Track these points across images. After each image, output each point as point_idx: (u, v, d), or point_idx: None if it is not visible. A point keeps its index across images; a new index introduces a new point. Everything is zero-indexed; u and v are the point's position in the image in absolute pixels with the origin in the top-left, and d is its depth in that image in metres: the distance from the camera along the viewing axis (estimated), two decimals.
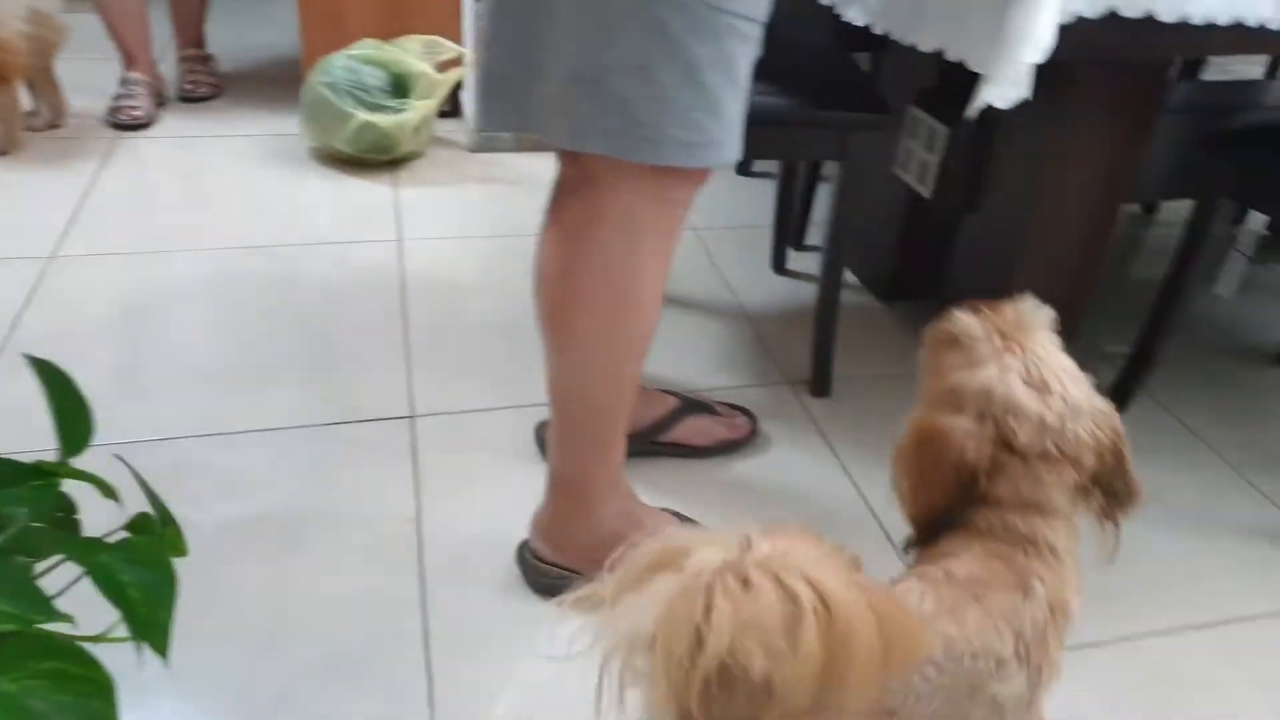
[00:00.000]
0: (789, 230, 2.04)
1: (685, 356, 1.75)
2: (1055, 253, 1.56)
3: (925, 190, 1.66)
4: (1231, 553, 1.42)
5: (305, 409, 1.54)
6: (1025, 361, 0.83)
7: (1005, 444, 0.83)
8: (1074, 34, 1.12)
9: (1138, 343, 1.64)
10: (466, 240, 2.09)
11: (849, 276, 2.03)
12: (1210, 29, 1.18)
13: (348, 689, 1.12)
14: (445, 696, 1.11)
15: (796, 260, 2.08)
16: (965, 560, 0.82)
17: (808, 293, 1.64)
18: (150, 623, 0.71)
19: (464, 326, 1.79)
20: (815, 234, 2.14)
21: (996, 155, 1.57)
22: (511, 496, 1.37)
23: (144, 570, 0.73)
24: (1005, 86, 1.10)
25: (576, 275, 1.06)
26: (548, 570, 1.24)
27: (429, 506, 1.37)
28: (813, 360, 1.67)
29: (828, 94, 1.46)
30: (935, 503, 0.86)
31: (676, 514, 1.30)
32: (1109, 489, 0.85)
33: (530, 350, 1.15)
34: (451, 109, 2.65)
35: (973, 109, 1.14)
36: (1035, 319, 0.87)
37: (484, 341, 1.75)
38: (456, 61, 2.34)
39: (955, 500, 0.85)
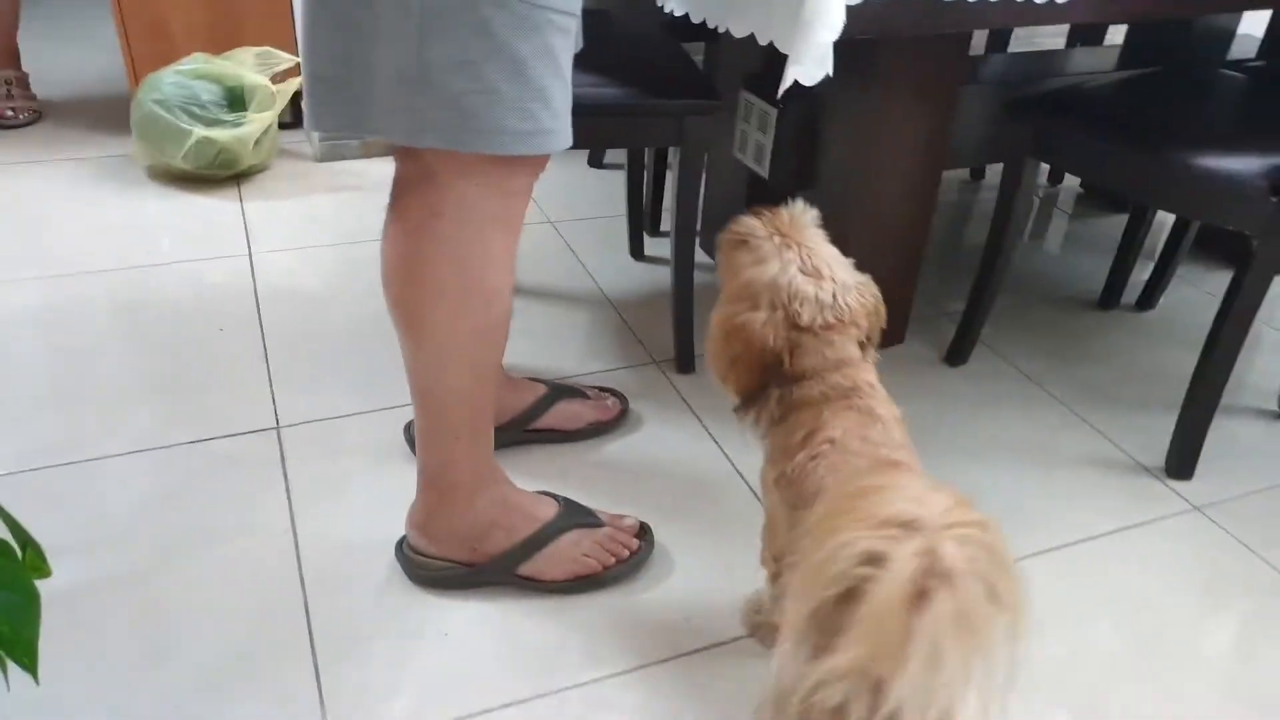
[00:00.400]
0: (643, 217, 2.10)
1: (553, 345, 1.79)
2: (885, 220, 1.66)
3: (762, 170, 1.74)
4: (1070, 481, 1.55)
5: (166, 429, 1.51)
6: (801, 255, 1.01)
7: (795, 325, 0.99)
8: (864, 13, 1.21)
9: (970, 298, 1.76)
10: (318, 250, 2.07)
11: (705, 258, 2.11)
12: (986, 5, 1.30)
13: (235, 699, 1.11)
14: (336, 696, 1.12)
15: (654, 246, 2.14)
16: (830, 425, 0.98)
17: (666, 276, 1.70)
18: (15, 641, 0.70)
19: (323, 335, 1.77)
20: (669, 220, 2.20)
21: (824, 132, 1.67)
22: (385, 497, 1.38)
23: (4, 593, 0.72)
24: (809, 65, 1.18)
25: (424, 269, 1.08)
26: (427, 563, 1.26)
27: (303, 513, 1.37)
28: (675, 339, 1.73)
29: (661, 83, 1.53)
30: (752, 382, 1.03)
31: (554, 496, 1.34)
32: (872, 337, 1.06)
33: (391, 352, 1.17)
34: (293, 120, 2.61)
35: (782, 88, 1.21)
36: (806, 218, 1.04)
37: (344, 348, 1.74)
38: (294, 71, 2.30)
39: (769, 376, 1.02)
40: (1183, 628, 1.29)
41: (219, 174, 2.26)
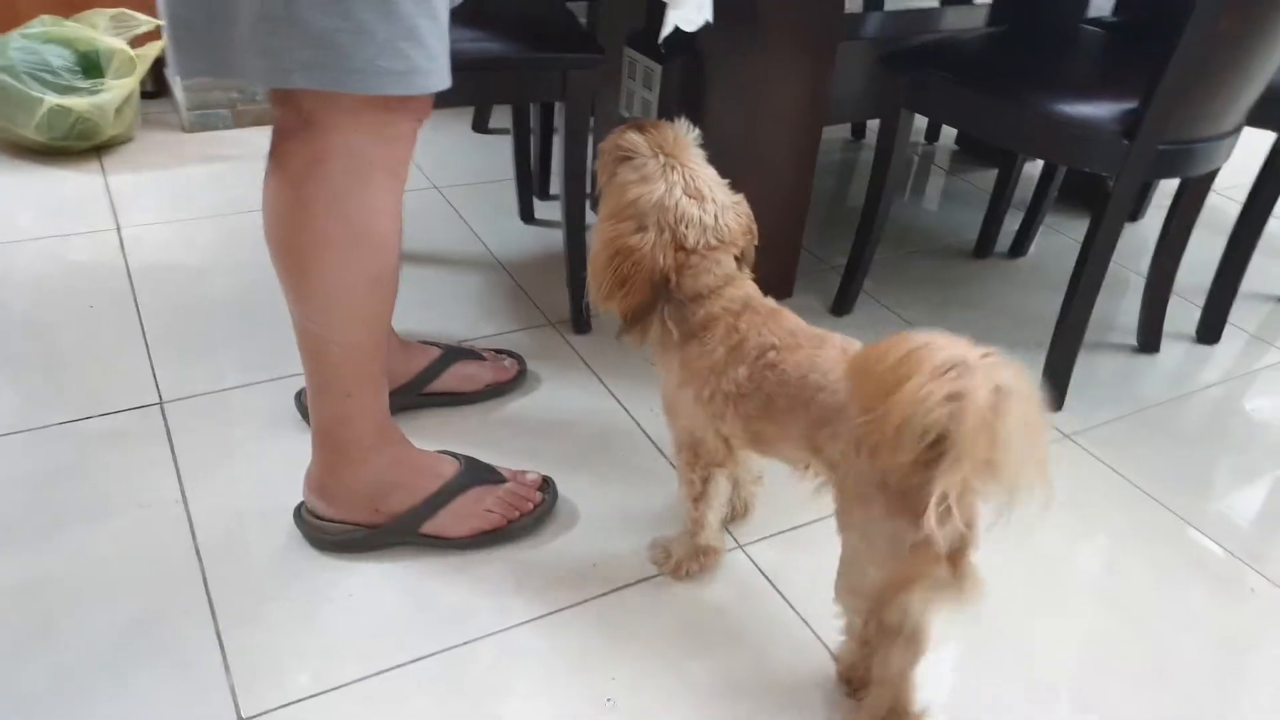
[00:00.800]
0: (531, 181, 2.09)
1: (444, 310, 1.77)
2: (769, 174, 1.70)
3: None
4: None
5: (40, 410, 1.43)
6: (684, 176, 1.05)
7: (681, 247, 1.05)
8: None
9: (853, 250, 1.82)
10: (192, 222, 1.98)
11: (595, 218, 2.11)
12: None
13: (136, 669, 1.07)
14: (241, 659, 1.10)
15: (544, 210, 2.13)
16: (756, 334, 1.06)
17: (558, 239, 1.70)
18: None
19: (202, 308, 1.71)
20: (558, 183, 2.20)
21: (708, 88, 1.69)
22: (278, 464, 1.36)
23: None
24: (689, 10, 1.20)
25: (308, 218, 1.05)
26: (326, 526, 1.24)
27: (193, 485, 1.33)
28: (570, 300, 1.74)
29: (543, 37, 1.52)
30: (640, 301, 1.06)
31: (454, 455, 1.33)
32: (746, 254, 1.14)
33: (274, 323, 1.13)
34: (158, 89, 2.49)
35: (663, 34, 1.22)
36: (688, 137, 1.08)
37: (225, 320, 1.68)
38: (154, 35, 2.19)
39: (656, 296, 1.07)
40: (1055, 544, 1.38)
41: (77, 145, 2.14)
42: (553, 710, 1.08)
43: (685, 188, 1.05)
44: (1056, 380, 1.64)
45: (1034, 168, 2.23)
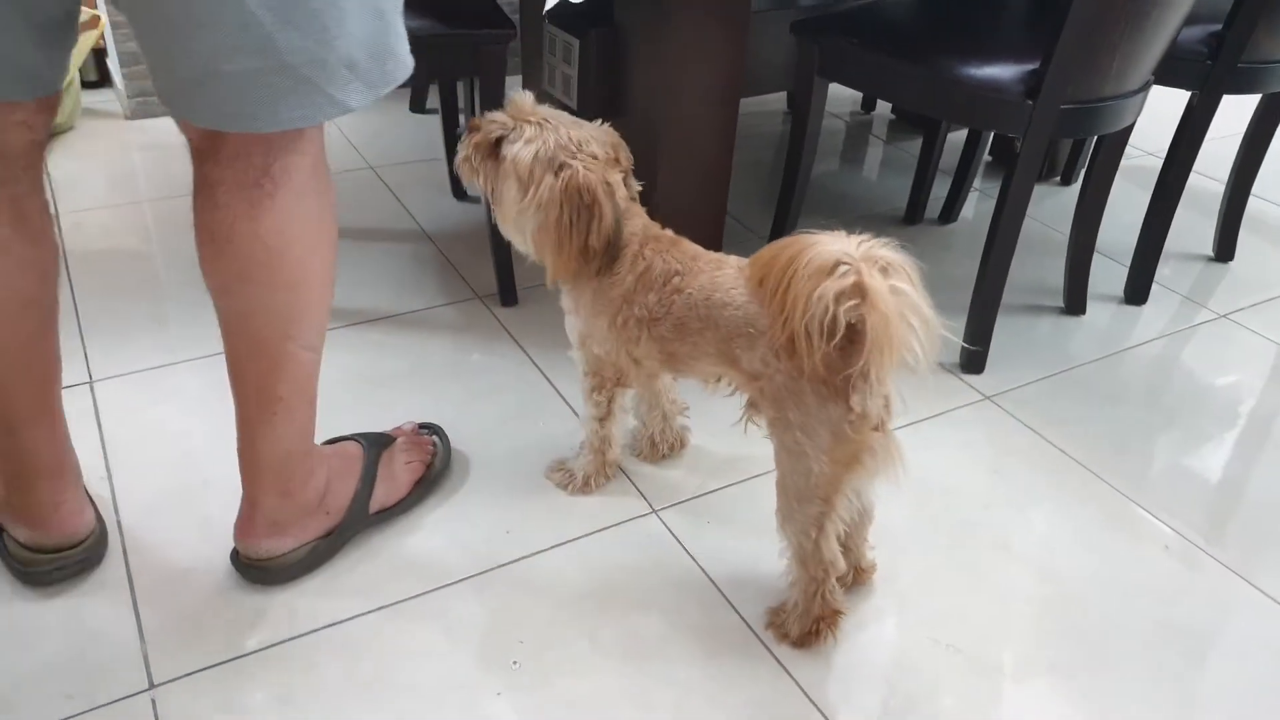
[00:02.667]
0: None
1: (374, 285, 1.79)
2: (691, 145, 1.71)
3: (571, 102, 1.77)
4: None
5: None
6: (553, 124, 1.12)
7: (597, 160, 1.12)
8: None
9: (775, 215, 1.84)
10: (131, 206, 2.00)
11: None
12: None
13: (43, 638, 1.10)
14: (157, 635, 1.12)
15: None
16: (662, 263, 1.14)
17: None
18: None
19: (135, 290, 1.73)
20: None
21: (626, 61, 1.71)
22: (202, 442, 1.39)
23: None
24: None
25: (322, 229, 1.03)
26: (287, 558, 1.18)
27: (119, 463, 1.35)
28: (496, 274, 1.76)
29: (454, 15, 1.53)
30: (611, 222, 1.12)
31: (344, 436, 1.32)
32: (629, 171, 1.20)
33: (205, 301, 1.12)
34: (100, 78, 2.49)
35: (547, 5, 1.25)
36: (530, 100, 1.15)
37: (160, 300, 1.70)
38: (90, 24, 2.20)
39: (617, 212, 1.13)
40: (971, 504, 1.41)
41: None
42: (458, 673, 1.11)
43: (566, 127, 1.12)
44: (977, 343, 1.67)
45: (961, 135, 2.25)
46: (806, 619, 1.15)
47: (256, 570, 1.18)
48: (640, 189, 1.21)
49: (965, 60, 1.50)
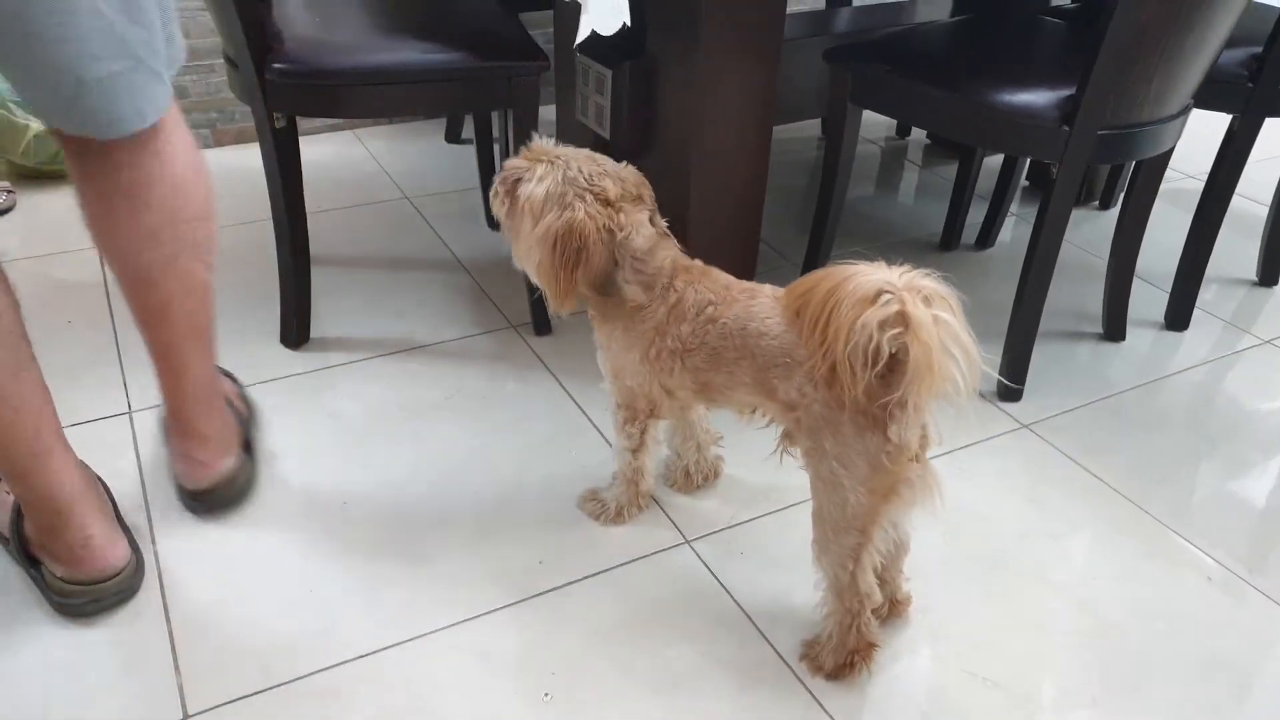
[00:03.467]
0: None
1: (411, 316, 1.81)
2: (722, 174, 1.72)
3: (604, 132, 1.78)
4: None
5: None
6: (570, 161, 1.13)
7: (607, 201, 1.12)
8: None
9: (809, 243, 1.84)
10: None
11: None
12: None
13: (75, 674, 1.11)
14: (190, 662, 1.13)
15: None
16: (694, 294, 1.14)
17: None
18: None
19: None
20: None
21: (658, 92, 1.72)
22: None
23: None
24: (604, 15, 1.24)
25: (196, 157, 1.16)
26: (242, 473, 1.35)
27: (156, 492, 1.37)
28: (530, 304, 1.77)
29: (486, 48, 1.55)
30: (600, 265, 1.13)
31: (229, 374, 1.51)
32: (654, 207, 1.20)
33: (239, 326, 1.16)
34: None
35: (578, 38, 1.27)
36: (549, 142, 1.16)
37: None
38: None
39: (612, 256, 1.13)
40: (1007, 534, 1.39)
41: (64, 169, 2.20)
42: (490, 705, 1.10)
43: (579, 163, 1.13)
44: (1014, 370, 1.65)
45: (997, 159, 2.24)
46: (841, 651, 1.13)
47: (220, 494, 1.32)
48: (668, 223, 1.21)
49: (999, 86, 1.49)
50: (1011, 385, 1.64)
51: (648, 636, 1.20)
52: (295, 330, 1.67)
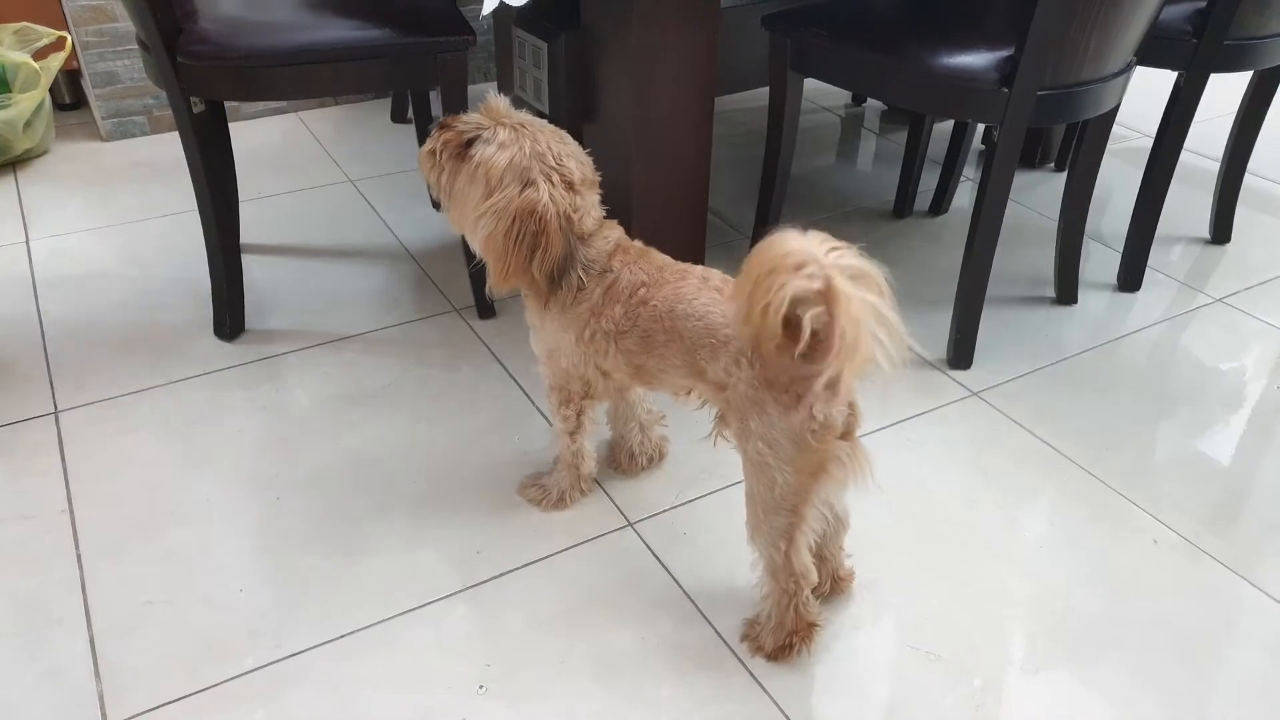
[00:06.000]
0: None
1: (350, 303, 1.76)
2: (665, 147, 1.68)
3: (543, 106, 1.74)
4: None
5: None
6: (533, 131, 1.07)
7: (570, 185, 1.08)
8: None
9: (757, 214, 1.81)
10: (106, 229, 1.98)
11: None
12: None
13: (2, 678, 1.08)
14: (110, 669, 1.10)
15: None
16: (630, 275, 1.11)
17: None
18: None
19: (106, 314, 1.71)
20: None
21: (596, 63, 1.67)
22: (169, 470, 1.37)
23: None
24: None
25: None
26: None
27: (81, 495, 1.32)
28: (472, 287, 1.73)
29: (411, 23, 1.50)
30: (559, 254, 1.08)
31: None
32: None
33: (178, 325, 1.11)
34: (74, 100, 2.48)
35: (485, 10, 1.24)
36: (507, 103, 1.10)
37: (129, 325, 1.68)
38: (57, 46, 2.18)
39: (569, 244, 1.09)
40: (954, 504, 1.37)
41: None
42: (423, 701, 1.08)
43: (546, 138, 1.07)
44: (963, 335, 1.63)
45: (949, 124, 2.21)
46: (780, 632, 1.11)
47: None
48: (604, 199, 1.18)
49: (937, 50, 1.46)
50: (961, 348, 1.62)
51: (588, 623, 1.17)
52: (228, 321, 1.63)
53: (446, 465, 1.40)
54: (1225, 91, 1.83)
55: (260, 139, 2.38)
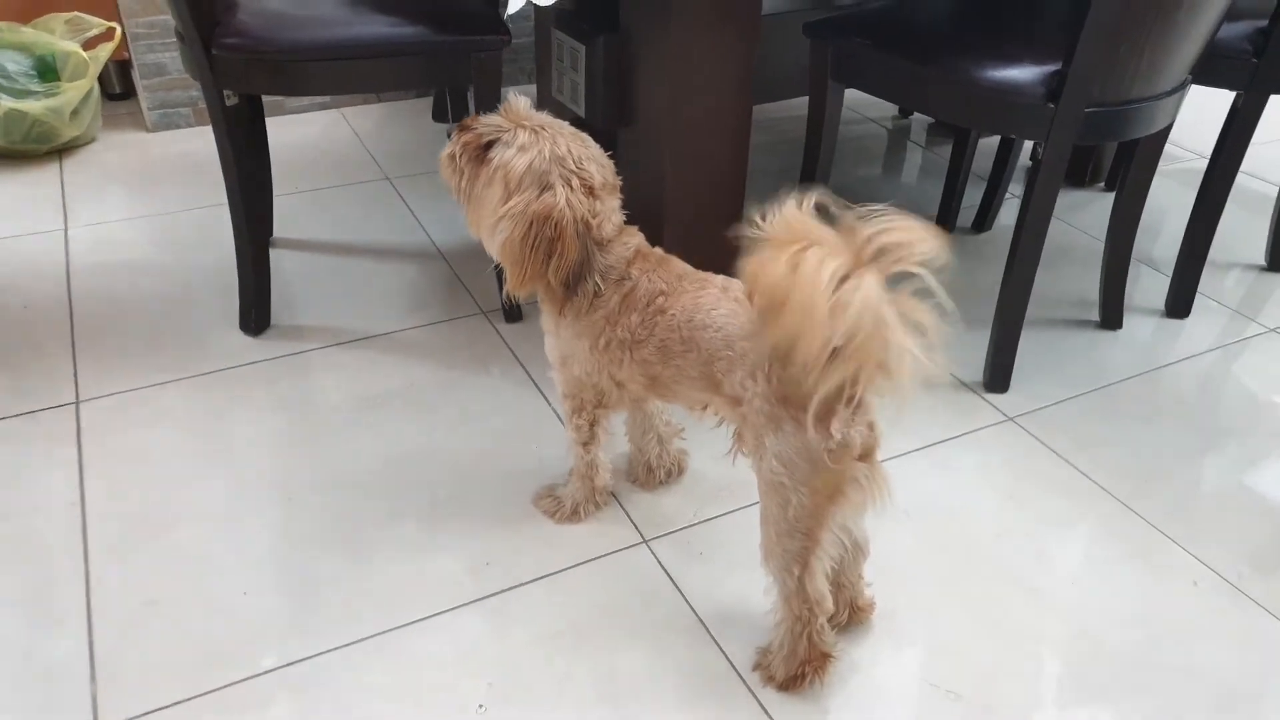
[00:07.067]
0: None
1: (378, 302, 1.75)
2: (702, 153, 1.64)
3: (579, 109, 1.71)
4: (887, 404, 1.56)
5: None
6: (554, 133, 1.05)
7: (591, 190, 1.05)
8: None
9: None
10: (143, 219, 1.99)
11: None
12: None
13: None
14: (108, 677, 1.09)
15: None
16: (647, 283, 1.07)
17: None
18: None
19: (137, 304, 1.71)
20: None
21: (634, 67, 1.64)
22: (183, 467, 1.36)
23: None
24: None
25: None
26: None
27: (94, 489, 1.32)
28: (499, 289, 1.71)
29: (448, 21, 1.48)
30: (575, 260, 1.05)
31: None
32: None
33: (205, 318, 1.09)
34: (124, 90, 2.51)
35: (509, 9, 1.23)
36: (527, 104, 1.08)
37: (158, 316, 1.68)
38: (107, 36, 2.20)
39: (587, 250, 1.06)
40: (983, 533, 1.32)
41: (37, 149, 2.16)
42: (419, 717, 1.05)
43: (567, 141, 1.05)
44: (1001, 358, 1.57)
45: (995, 139, 2.14)
46: (793, 661, 1.07)
47: None
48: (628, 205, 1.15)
49: (982, 62, 1.40)
50: (999, 371, 1.57)
51: (595, 642, 1.14)
52: (254, 316, 1.63)
53: (462, 471, 1.38)
54: None
55: (302, 134, 2.39)
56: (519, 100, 1.08)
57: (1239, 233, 2.03)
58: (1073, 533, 1.33)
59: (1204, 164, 1.73)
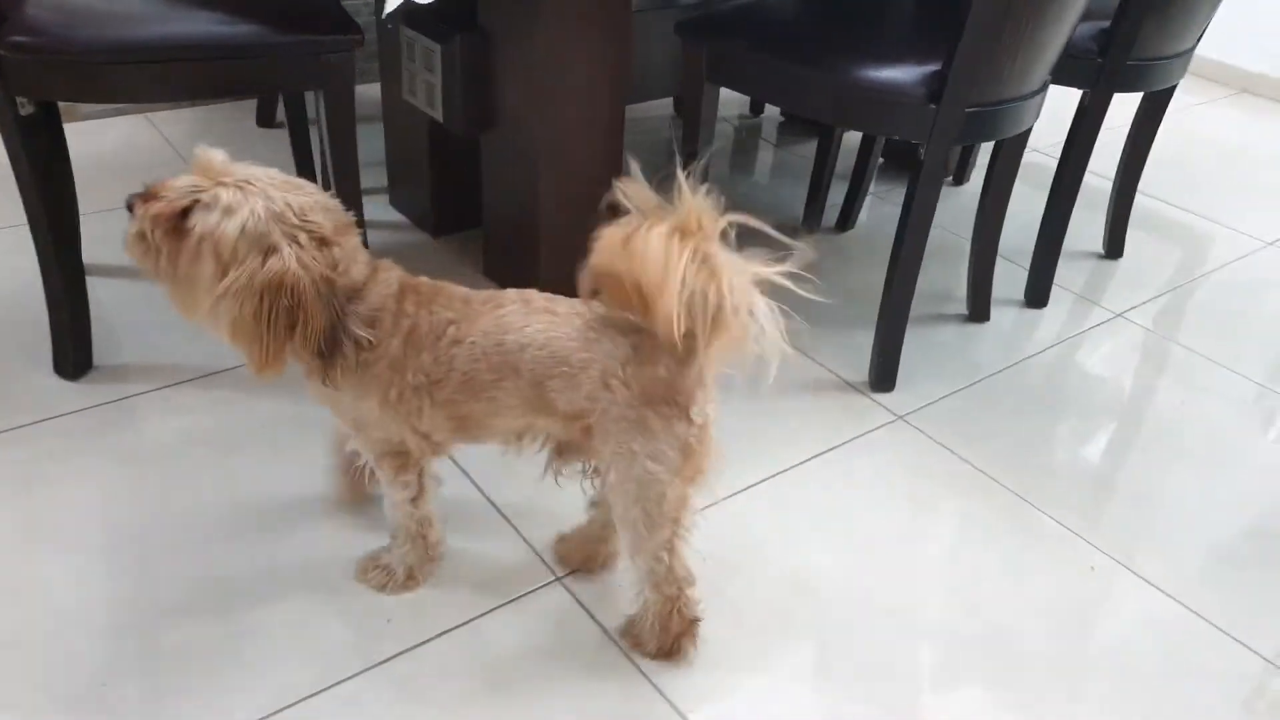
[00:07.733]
0: (315, 178, 1.88)
1: (188, 337, 1.55)
2: (573, 158, 1.56)
3: (436, 113, 1.59)
4: (779, 408, 1.53)
5: None
6: (262, 185, 0.90)
7: (323, 240, 0.91)
8: None
9: None
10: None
11: (394, 216, 1.95)
12: None
13: None
14: None
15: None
16: (431, 316, 0.97)
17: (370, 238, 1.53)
18: None
19: None
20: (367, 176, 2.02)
21: (497, 68, 1.54)
22: (3, 543, 1.15)
23: None
24: None
25: None
26: None
27: None
28: None
29: (292, 19, 1.33)
30: (324, 324, 0.91)
31: None
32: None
33: (9, 362, 0.91)
34: None
35: (386, 8, 1.15)
36: (220, 156, 0.93)
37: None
38: None
39: (333, 310, 0.92)
40: (886, 534, 1.31)
41: None
42: None
43: (280, 191, 0.90)
44: (886, 358, 1.57)
45: (855, 137, 2.17)
46: (665, 636, 1.08)
47: None
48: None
49: (863, 63, 1.39)
50: (884, 371, 1.57)
51: (513, 696, 1.04)
52: (72, 356, 1.41)
53: (343, 517, 1.24)
54: (1116, 109, 1.85)
55: (102, 142, 2.13)
56: (212, 153, 0.92)
57: (1078, 223, 2.13)
58: (973, 530, 1.33)
59: (1040, 158, 1.80)
